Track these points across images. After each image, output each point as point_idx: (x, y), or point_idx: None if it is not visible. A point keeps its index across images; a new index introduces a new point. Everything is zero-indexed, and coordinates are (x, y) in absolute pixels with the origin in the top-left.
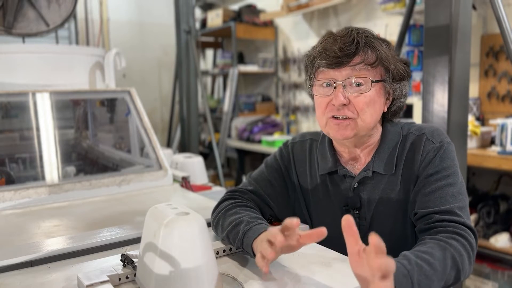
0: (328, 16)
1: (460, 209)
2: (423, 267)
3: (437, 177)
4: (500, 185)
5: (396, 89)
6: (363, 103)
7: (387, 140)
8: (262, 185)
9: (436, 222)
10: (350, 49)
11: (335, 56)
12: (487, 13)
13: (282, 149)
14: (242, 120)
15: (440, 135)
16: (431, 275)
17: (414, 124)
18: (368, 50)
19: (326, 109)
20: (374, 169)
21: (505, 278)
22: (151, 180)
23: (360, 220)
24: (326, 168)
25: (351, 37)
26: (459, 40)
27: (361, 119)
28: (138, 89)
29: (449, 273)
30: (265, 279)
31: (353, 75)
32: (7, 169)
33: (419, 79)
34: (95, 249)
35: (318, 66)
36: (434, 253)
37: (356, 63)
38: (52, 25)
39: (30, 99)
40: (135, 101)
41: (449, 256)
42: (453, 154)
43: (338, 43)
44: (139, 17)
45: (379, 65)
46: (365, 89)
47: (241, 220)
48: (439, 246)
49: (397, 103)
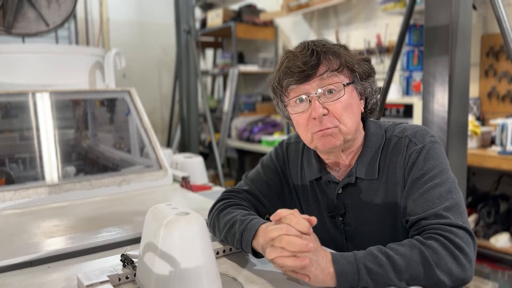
0: (328, 16)
1: (448, 209)
2: (378, 257)
3: (423, 180)
4: (500, 185)
5: (366, 87)
6: (341, 108)
7: (370, 144)
8: (257, 185)
9: (423, 227)
10: (312, 60)
11: (301, 70)
12: (487, 13)
13: (277, 149)
14: (242, 120)
15: (423, 135)
16: (385, 265)
17: (399, 125)
18: (329, 57)
19: (308, 125)
20: (357, 174)
21: (505, 278)
22: (151, 180)
23: (345, 226)
24: (311, 174)
25: (309, 49)
26: (459, 40)
27: (343, 125)
28: (138, 89)
29: (416, 268)
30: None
31: (323, 85)
32: (7, 169)
33: (419, 79)
34: (95, 249)
35: (286, 85)
36: (399, 249)
37: (323, 72)
38: (52, 25)
39: (30, 99)
40: (135, 101)
41: (417, 252)
42: (438, 152)
43: (300, 58)
44: (139, 17)
45: (344, 68)
46: (339, 95)
47: (235, 220)
48: (410, 244)
49: (371, 100)
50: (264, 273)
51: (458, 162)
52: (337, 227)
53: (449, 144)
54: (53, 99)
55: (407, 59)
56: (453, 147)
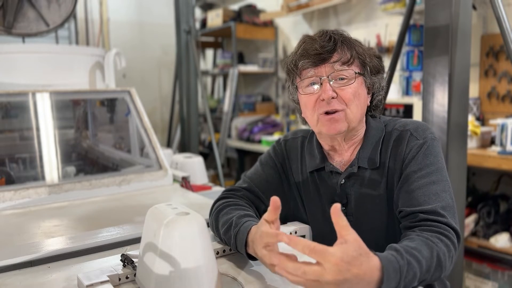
0: (328, 16)
1: (443, 209)
2: (411, 263)
3: (420, 174)
4: (500, 185)
5: (375, 82)
6: (350, 94)
7: (370, 135)
8: (257, 183)
9: (421, 221)
10: (329, 45)
11: (317, 53)
12: (487, 13)
13: (275, 147)
14: (242, 120)
15: (424, 131)
16: (416, 273)
17: (400, 120)
18: (344, 47)
19: (316, 106)
20: (359, 164)
21: (505, 278)
22: (151, 180)
23: (347, 216)
24: (313, 165)
25: (328, 35)
26: (459, 40)
27: (350, 110)
28: (138, 89)
29: (432, 273)
30: (265, 279)
31: (335, 71)
32: (7, 169)
33: (419, 79)
34: (95, 249)
35: (302, 67)
36: (423, 251)
37: (335, 60)
38: (52, 25)
39: (30, 99)
40: (135, 101)
41: (435, 255)
42: (437, 149)
43: (318, 41)
44: (139, 17)
45: (356, 60)
46: (349, 82)
47: (231, 223)
48: (427, 244)
49: (377, 97)
50: (264, 273)
51: (458, 162)
52: None
53: (449, 144)
54: (53, 99)
55: (407, 59)
56: (453, 147)
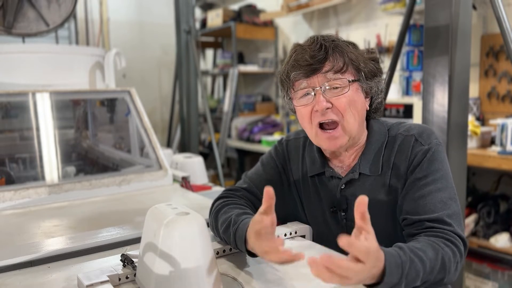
0: (328, 16)
1: (450, 217)
2: (414, 262)
3: (426, 182)
4: (500, 185)
5: (372, 87)
6: (344, 103)
7: (373, 141)
8: (257, 183)
9: (427, 229)
10: (320, 55)
11: (308, 64)
12: (487, 13)
13: (277, 147)
14: (242, 120)
15: (429, 136)
16: (419, 272)
17: (404, 124)
18: (336, 55)
19: (311, 117)
20: (361, 170)
21: (505, 278)
22: (151, 180)
23: (347, 221)
24: (314, 169)
25: (318, 44)
26: (459, 40)
27: (346, 121)
28: (138, 89)
29: (435, 275)
30: (265, 279)
31: (328, 80)
32: (7, 169)
33: (419, 79)
34: (95, 249)
35: (294, 78)
36: (427, 252)
37: (328, 69)
38: (52, 25)
39: (30, 99)
40: (135, 101)
41: (440, 258)
42: (442, 155)
43: (308, 51)
44: (139, 17)
45: (349, 67)
46: (344, 90)
47: (230, 221)
48: (432, 246)
49: (377, 100)
50: (264, 273)
51: (458, 162)
52: (338, 223)
53: (449, 144)
54: (53, 99)
55: (407, 59)
56: (453, 147)
